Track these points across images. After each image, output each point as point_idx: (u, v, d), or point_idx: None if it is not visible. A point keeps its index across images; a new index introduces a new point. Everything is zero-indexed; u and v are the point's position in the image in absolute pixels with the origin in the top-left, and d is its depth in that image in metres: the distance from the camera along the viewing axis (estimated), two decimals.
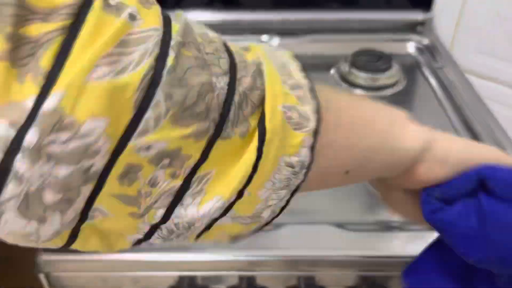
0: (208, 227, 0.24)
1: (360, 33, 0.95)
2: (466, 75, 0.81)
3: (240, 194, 0.23)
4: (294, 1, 0.97)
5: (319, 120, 0.23)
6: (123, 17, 0.20)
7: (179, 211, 0.22)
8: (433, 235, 0.51)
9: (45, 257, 0.48)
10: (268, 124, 0.22)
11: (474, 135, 0.67)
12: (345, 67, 0.82)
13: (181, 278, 0.49)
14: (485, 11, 0.88)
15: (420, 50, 0.92)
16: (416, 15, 0.96)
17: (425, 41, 0.92)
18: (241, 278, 0.50)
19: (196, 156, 0.21)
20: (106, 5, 0.20)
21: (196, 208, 0.22)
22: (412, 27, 0.97)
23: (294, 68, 0.26)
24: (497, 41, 0.89)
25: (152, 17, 0.21)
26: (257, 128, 0.22)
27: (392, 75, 0.80)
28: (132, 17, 0.20)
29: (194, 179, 0.22)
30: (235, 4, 0.97)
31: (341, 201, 0.57)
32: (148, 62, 0.20)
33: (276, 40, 0.93)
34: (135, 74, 0.19)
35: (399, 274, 0.49)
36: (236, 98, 0.22)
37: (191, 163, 0.21)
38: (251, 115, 0.22)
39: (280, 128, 0.22)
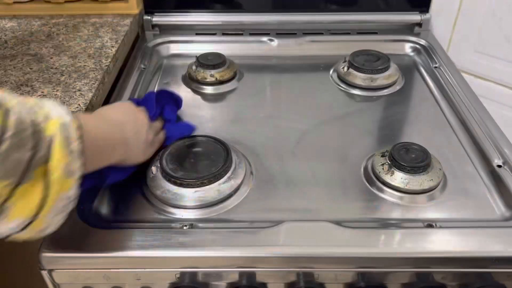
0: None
1: (358, 34, 0.96)
2: (463, 75, 0.82)
3: (33, 218, 0.38)
4: (293, 3, 0.97)
5: (81, 169, 0.40)
6: None
7: None
8: (428, 232, 0.52)
9: (47, 254, 0.48)
10: (51, 177, 0.38)
11: (470, 133, 0.68)
12: (343, 68, 0.82)
13: (182, 275, 0.50)
14: (481, 12, 0.89)
15: (417, 50, 0.93)
16: (414, 17, 0.97)
17: (423, 41, 0.93)
18: (241, 274, 0.50)
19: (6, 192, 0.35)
20: None
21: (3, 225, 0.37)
22: (409, 28, 0.98)
23: (73, 135, 0.40)
24: (493, 41, 0.90)
25: None
26: (43, 179, 0.37)
27: (390, 75, 0.81)
28: None
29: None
30: (236, 6, 0.98)
31: (340, 199, 0.58)
32: None
33: (275, 42, 0.93)
34: None
35: (396, 270, 0.50)
36: (33, 162, 0.36)
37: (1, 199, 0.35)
38: (39, 169, 0.37)
39: (60, 180, 0.38)
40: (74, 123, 0.41)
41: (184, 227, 0.52)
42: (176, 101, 0.69)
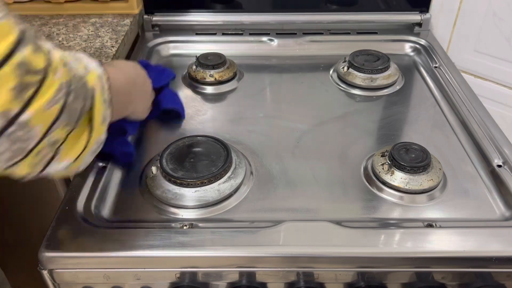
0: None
1: (358, 34, 0.96)
2: (463, 75, 0.82)
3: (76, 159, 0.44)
4: (293, 3, 0.97)
5: (110, 116, 0.46)
6: None
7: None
8: (428, 232, 0.52)
9: (47, 254, 0.48)
10: (94, 124, 0.43)
11: (470, 133, 0.68)
12: (343, 68, 0.82)
13: (182, 274, 0.50)
14: (481, 12, 0.89)
15: (417, 50, 0.93)
16: (414, 16, 0.97)
17: (423, 41, 0.93)
18: (241, 274, 0.50)
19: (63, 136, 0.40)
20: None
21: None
22: (409, 28, 0.98)
23: (105, 86, 0.45)
24: (493, 41, 0.90)
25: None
26: (88, 125, 0.43)
27: (390, 75, 0.81)
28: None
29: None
30: (236, 6, 0.98)
31: (340, 199, 0.58)
32: None
33: (275, 42, 0.93)
34: None
35: (396, 270, 0.50)
36: (83, 110, 0.42)
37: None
38: (85, 116, 0.42)
39: (99, 126, 0.44)
40: (105, 75, 0.45)
41: (184, 227, 0.52)
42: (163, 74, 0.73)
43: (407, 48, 0.94)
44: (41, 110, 0.36)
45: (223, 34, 0.96)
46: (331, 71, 0.86)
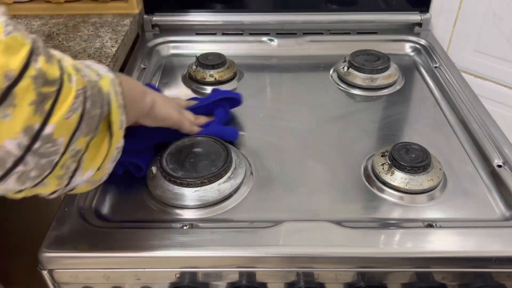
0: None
1: (358, 34, 0.96)
2: (463, 74, 0.82)
3: (99, 168, 0.43)
4: (293, 3, 0.97)
5: (126, 121, 0.45)
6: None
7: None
8: (428, 232, 0.52)
9: (47, 254, 0.48)
10: (113, 130, 0.43)
11: (471, 133, 0.68)
12: (343, 68, 0.82)
13: (182, 275, 0.50)
14: (481, 12, 0.89)
15: (417, 50, 0.93)
16: (414, 16, 0.97)
17: (423, 41, 0.93)
18: (241, 274, 0.50)
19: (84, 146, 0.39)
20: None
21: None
22: (409, 28, 0.98)
23: (119, 90, 0.44)
24: (493, 41, 0.90)
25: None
26: (107, 132, 0.43)
27: (390, 75, 0.81)
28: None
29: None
30: (236, 6, 0.98)
31: (340, 199, 0.58)
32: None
33: (275, 41, 0.93)
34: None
35: (396, 270, 0.50)
36: (101, 117, 0.41)
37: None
38: (102, 123, 0.42)
39: (117, 132, 0.43)
40: (117, 79, 0.45)
41: (184, 227, 0.52)
42: (233, 101, 0.70)
43: (407, 48, 0.94)
44: (62, 120, 0.35)
45: (223, 34, 0.96)
46: (331, 71, 0.86)
